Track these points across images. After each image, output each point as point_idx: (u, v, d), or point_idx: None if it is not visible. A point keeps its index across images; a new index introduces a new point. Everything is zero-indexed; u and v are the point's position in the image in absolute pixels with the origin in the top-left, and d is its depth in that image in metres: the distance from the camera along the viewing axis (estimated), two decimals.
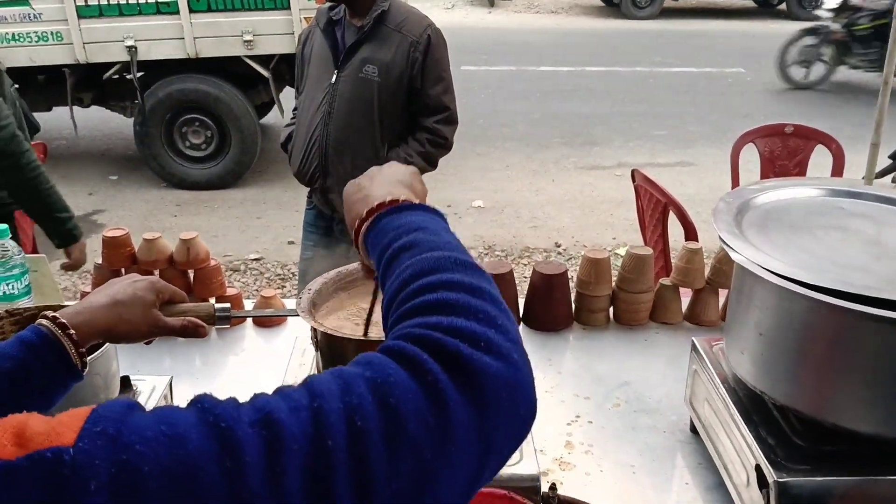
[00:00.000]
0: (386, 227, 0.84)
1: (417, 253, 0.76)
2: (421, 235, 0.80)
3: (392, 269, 0.78)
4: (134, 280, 1.12)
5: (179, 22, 5.68)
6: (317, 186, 2.76)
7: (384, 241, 0.82)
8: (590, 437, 1.47)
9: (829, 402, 1.14)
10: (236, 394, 1.58)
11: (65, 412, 0.57)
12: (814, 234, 1.26)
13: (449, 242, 0.80)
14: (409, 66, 2.60)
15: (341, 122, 2.63)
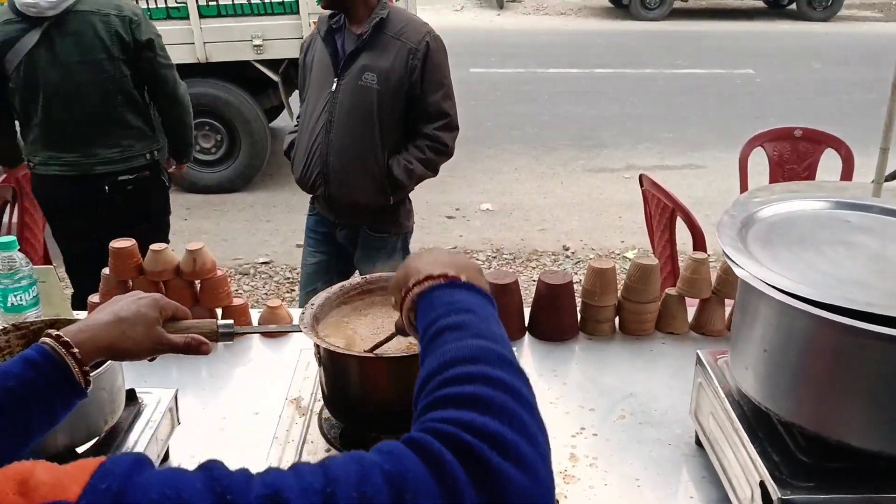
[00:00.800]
0: (437, 300, 0.84)
1: (462, 336, 0.76)
2: (469, 318, 0.79)
3: (435, 345, 0.77)
4: (137, 297, 1.13)
5: (189, 27, 5.71)
6: (319, 193, 2.78)
7: (432, 315, 0.82)
8: (594, 449, 1.47)
9: (833, 418, 1.13)
10: (243, 405, 1.59)
11: (74, 463, 0.56)
12: (819, 248, 1.25)
13: (495, 333, 0.79)
14: (408, 73, 2.61)
15: (342, 129, 2.65)
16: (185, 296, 1.83)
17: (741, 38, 12.86)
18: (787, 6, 14.92)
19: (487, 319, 0.81)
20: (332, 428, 1.35)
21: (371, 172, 2.68)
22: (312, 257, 3.05)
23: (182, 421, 1.47)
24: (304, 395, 1.46)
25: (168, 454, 1.44)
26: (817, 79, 10.14)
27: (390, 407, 1.26)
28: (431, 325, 0.80)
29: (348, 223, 2.85)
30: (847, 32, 13.57)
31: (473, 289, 0.86)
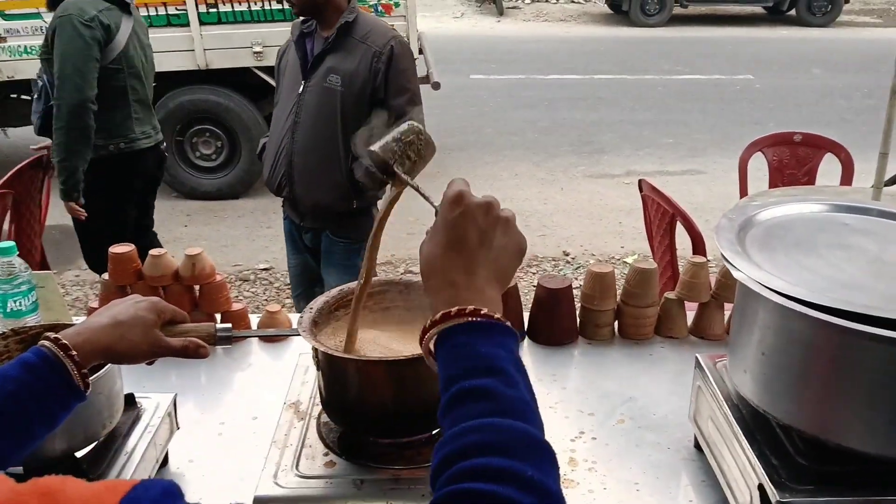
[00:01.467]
0: (461, 349, 0.79)
1: (490, 411, 0.73)
2: (495, 384, 0.75)
3: (457, 411, 0.74)
4: (136, 301, 1.13)
5: (190, 34, 5.73)
6: (285, 195, 2.82)
7: (456, 369, 0.78)
8: (594, 453, 1.47)
9: (831, 421, 1.13)
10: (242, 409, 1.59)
11: (104, 482, 0.56)
12: (817, 251, 1.25)
13: (523, 399, 0.76)
14: (371, 76, 2.65)
15: (307, 130, 2.69)
16: (184, 301, 1.83)
17: (741, 43, 12.89)
18: (786, 12, 14.97)
19: (514, 382, 0.77)
20: (330, 432, 1.35)
21: (333, 175, 2.70)
22: (293, 260, 3.11)
23: (181, 426, 1.46)
24: (303, 399, 1.46)
25: (167, 459, 1.43)
26: (817, 84, 10.17)
27: (388, 411, 1.26)
28: (453, 382, 0.77)
29: (312, 226, 2.87)
30: (846, 38, 13.61)
31: (496, 329, 0.80)
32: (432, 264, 0.86)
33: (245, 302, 4.57)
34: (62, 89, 3.17)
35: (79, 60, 3.18)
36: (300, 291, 3.19)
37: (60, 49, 3.16)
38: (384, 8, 5.79)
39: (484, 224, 0.86)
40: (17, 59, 5.77)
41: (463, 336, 0.80)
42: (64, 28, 3.16)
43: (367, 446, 1.30)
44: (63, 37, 3.16)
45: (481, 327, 0.80)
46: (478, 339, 0.79)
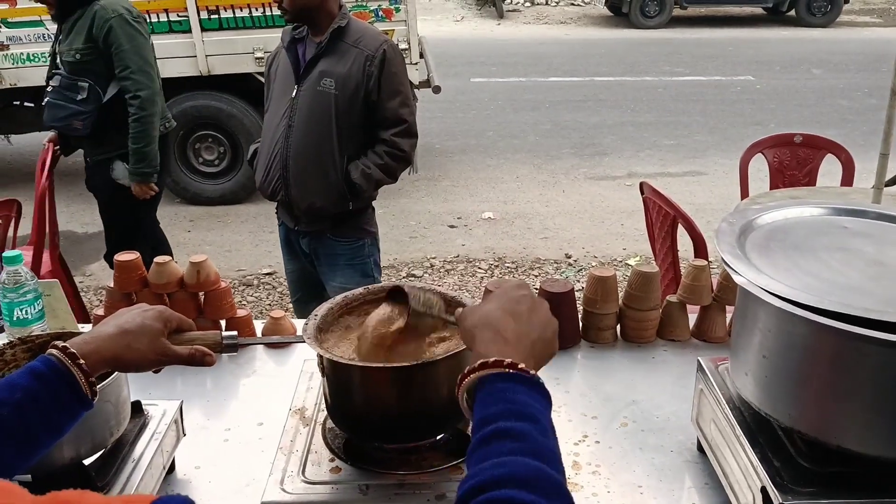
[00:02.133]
0: (498, 394, 0.85)
1: (522, 450, 0.77)
2: (530, 429, 0.81)
3: (490, 447, 0.79)
4: (143, 310, 1.14)
5: (192, 40, 5.75)
6: (280, 198, 2.84)
7: (492, 410, 0.83)
8: (597, 457, 1.48)
9: (832, 424, 1.14)
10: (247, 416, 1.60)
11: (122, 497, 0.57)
12: (816, 254, 1.26)
13: (553, 451, 0.81)
14: (365, 79, 2.69)
15: (301, 134, 2.73)
16: (189, 308, 1.84)
17: (741, 44, 12.90)
18: (786, 13, 14.97)
19: (546, 432, 0.83)
20: (335, 438, 1.36)
21: (329, 176, 2.73)
22: (290, 265, 3.14)
23: (187, 432, 1.48)
24: (308, 405, 1.47)
25: (174, 466, 1.44)
26: (817, 85, 10.17)
27: (393, 417, 1.27)
28: (489, 422, 0.82)
29: (309, 229, 2.89)
30: (846, 38, 13.61)
31: (536, 386, 0.88)
32: (489, 319, 0.97)
33: (248, 307, 4.60)
34: (138, 83, 3.43)
35: (146, 53, 3.50)
36: (299, 296, 3.21)
37: (126, 46, 3.41)
38: (385, 13, 5.81)
39: (541, 311, 1.01)
40: (20, 66, 5.80)
41: (502, 383, 0.87)
42: (121, 27, 3.39)
43: (373, 452, 1.31)
44: (123, 35, 3.40)
45: (525, 381, 0.88)
46: (517, 388, 0.86)
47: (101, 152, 3.60)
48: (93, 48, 3.41)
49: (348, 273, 2.90)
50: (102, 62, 3.43)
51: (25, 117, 6.31)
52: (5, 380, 1.01)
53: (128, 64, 3.41)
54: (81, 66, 3.43)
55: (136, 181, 3.57)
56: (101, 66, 3.44)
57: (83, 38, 3.40)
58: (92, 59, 3.42)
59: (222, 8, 5.72)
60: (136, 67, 3.42)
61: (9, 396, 0.98)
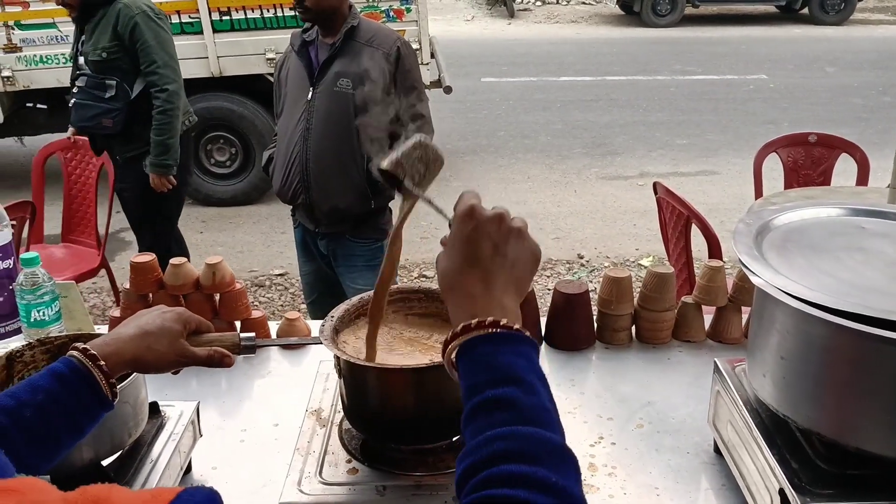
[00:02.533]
0: (481, 360, 0.81)
1: (512, 419, 0.75)
2: (519, 395, 0.77)
3: (479, 421, 0.76)
4: (162, 311, 1.15)
5: (203, 42, 5.78)
6: (300, 202, 2.84)
7: (478, 379, 0.80)
8: (613, 458, 1.47)
9: (851, 426, 1.13)
10: (263, 416, 1.60)
11: (150, 490, 0.57)
12: (834, 255, 1.25)
13: (544, 407, 0.78)
14: (381, 76, 2.70)
15: (320, 135, 2.73)
16: (204, 309, 1.85)
17: (753, 43, 12.84)
18: (799, 11, 14.89)
19: (534, 390, 0.79)
20: (352, 439, 1.37)
21: (351, 176, 2.74)
22: (305, 267, 3.14)
23: (203, 433, 1.48)
24: (325, 406, 1.48)
25: (190, 466, 1.45)
26: (831, 83, 10.11)
27: (410, 418, 1.27)
28: (474, 393, 0.79)
29: (329, 231, 2.90)
30: (860, 36, 13.53)
31: (516, 341, 0.83)
32: (450, 279, 0.88)
33: (261, 307, 4.61)
34: (165, 77, 3.52)
35: (170, 48, 3.61)
36: (314, 298, 3.22)
37: (151, 42, 3.50)
38: (396, 13, 5.82)
39: (497, 236, 0.88)
40: (32, 68, 5.84)
41: (483, 347, 0.82)
42: (146, 23, 3.49)
43: (390, 453, 1.32)
44: (148, 31, 3.50)
45: (501, 338, 0.82)
46: (498, 349, 0.82)
47: (132, 149, 3.66)
48: (119, 46, 3.49)
49: (366, 274, 2.91)
50: (129, 59, 3.52)
51: (38, 119, 6.35)
52: (27, 382, 1.02)
53: (154, 59, 3.49)
54: (108, 65, 3.51)
55: (156, 172, 3.61)
56: (128, 62, 3.52)
57: (108, 37, 3.48)
58: (118, 56, 3.51)
59: (234, 9, 5.75)
60: (162, 62, 3.51)
61: (31, 398, 0.99)
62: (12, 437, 0.97)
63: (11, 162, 7.39)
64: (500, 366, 0.80)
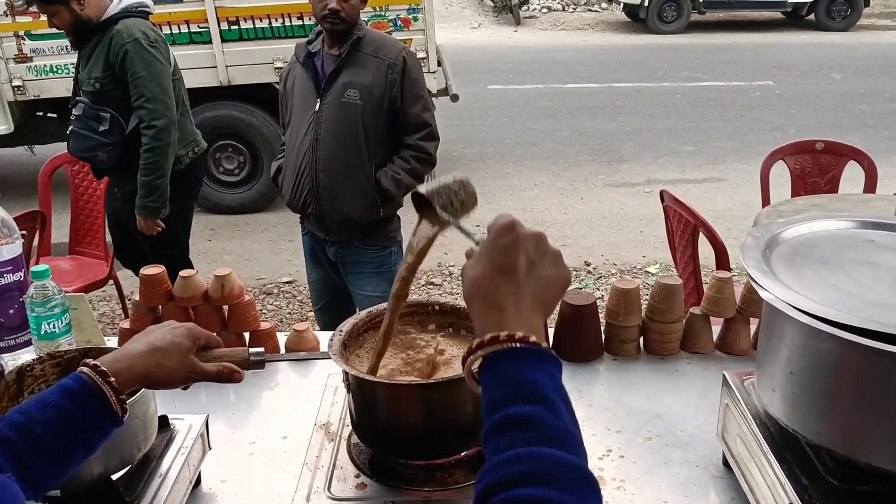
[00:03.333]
0: (506, 374, 0.80)
1: (534, 440, 0.74)
2: (540, 412, 0.76)
3: (501, 438, 0.76)
4: (172, 327, 1.15)
5: (212, 51, 5.81)
6: (310, 211, 2.86)
7: (501, 394, 0.79)
8: (622, 471, 1.47)
9: (861, 441, 1.13)
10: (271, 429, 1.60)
11: None
12: (844, 269, 1.25)
13: (567, 429, 0.77)
14: (388, 87, 2.75)
15: (329, 146, 2.76)
16: (213, 321, 1.86)
17: (760, 49, 12.83)
18: (805, 17, 14.88)
19: (557, 411, 0.78)
20: (361, 454, 1.37)
21: (360, 185, 2.77)
22: (313, 274, 3.17)
23: (212, 445, 1.48)
24: (333, 420, 1.48)
25: (200, 479, 1.45)
26: (837, 90, 10.09)
27: (419, 434, 1.27)
28: (497, 408, 0.78)
29: (339, 239, 2.92)
30: (867, 42, 13.50)
31: (541, 358, 0.81)
32: (480, 287, 0.87)
33: (268, 315, 4.62)
34: (154, 112, 3.24)
35: (162, 80, 3.29)
36: (322, 305, 3.24)
37: (141, 73, 3.22)
38: (403, 22, 5.84)
39: (534, 253, 0.88)
40: (42, 78, 5.87)
41: (508, 361, 0.81)
42: (137, 52, 3.22)
43: (398, 468, 1.32)
44: (139, 61, 3.22)
45: (527, 354, 0.81)
46: (523, 365, 0.80)
47: (128, 183, 3.39)
48: (111, 76, 3.26)
49: (375, 281, 2.93)
50: (122, 90, 3.27)
51: (48, 128, 6.39)
52: (37, 398, 1.03)
53: (143, 92, 3.23)
54: (102, 96, 3.29)
55: (142, 215, 3.34)
56: (122, 93, 3.28)
57: (101, 66, 3.26)
58: (111, 87, 3.27)
59: (242, 19, 5.77)
60: (152, 95, 3.24)
61: (41, 415, 1.00)
62: (23, 453, 0.97)
63: (22, 171, 7.43)
64: (525, 382, 0.79)
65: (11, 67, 5.83)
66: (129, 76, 3.22)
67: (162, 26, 5.72)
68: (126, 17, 3.29)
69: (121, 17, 3.28)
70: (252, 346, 1.86)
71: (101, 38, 3.26)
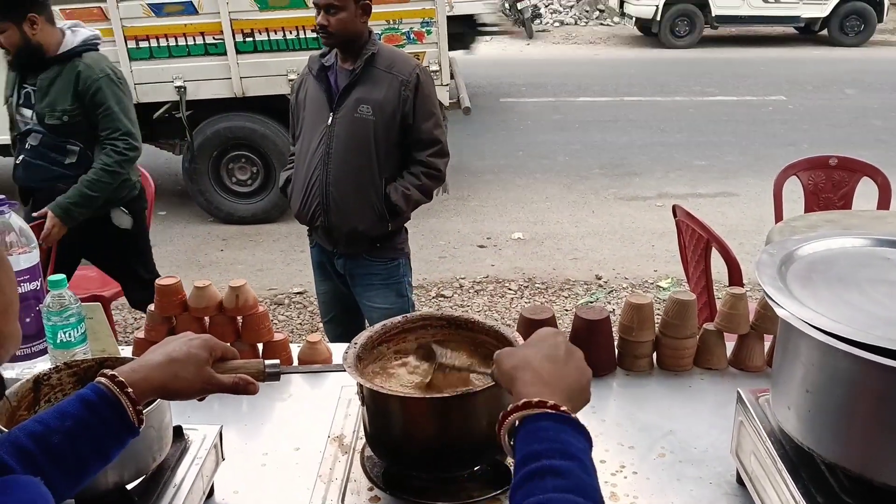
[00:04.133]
0: (542, 433, 0.90)
1: (566, 488, 0.81)
2: (574, 468, 0.84)
3: (535, 485, 0.82)
4: (189, 339, 1.16)
5: (227, 62, 5.85)
6: (318, 224, 2.87)
7: (536, 448, 0.87)
8: (635, 488, 1.47)
9: (877, 460, 1.12)
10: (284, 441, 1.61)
11: None
12: (860, 287, 1.25)
13: (595, 488, 0.84)
14: (401, 103, 2.76)
15: (340, 160, 2.77)
16: (227, 331, 1.86)
17: (772, 64, 12.81)
18: (818, 32, 14.85)
19: (589, 471, 0.86)
20: (374, 466, 1.37)
21: (370, 200, 2.79)
22: (322, 286, 3.18)
23: (225, 456, 1.49)
24: (347, 432, 1.48)
25: (213, 490, 1.46)
26: (850, 105, 10.06)
27: (433, 447, 1.27)
28: (533, 459, 0.85)
29: (347, 251, 2.93)
30: (880, 58, 13.46)
31: (578, 428, 0.91)
32: (529, 362, 1.02)
33: (280, 326, 4.63)
34: (130, 144, 3.28)
35: (132, 114, 3.35)
36: (330, 317, 3.24)
37: (115, 107, 3.25)
38: (416, 35, 5.87)
39: (576, 358, 1.07)
40: None
41: (549, 422, 0.90)
42: (110, 87, 3.25)
43: (412, 481, 1.32)
44: (112, 97, 3.25)
45: (567, 421, 0.91)
46: (561, 429, 0.90)
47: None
48: (80, 109, 3.24)
49: (383, 293, 2.94)
50: (88, 123, 3.27)
51: None
52: (55, 408, 1.04)
53: (117, 126, 3.25)
54: (69, 128, 3.26)
55: (59, 216, 3.19)
56: (87, 127, 3.27)
57: (70, 99, 3.22)
58: (79, 120, 3.26)
59: (257, 31, 5.81)
60: (126, 130, 3.27)
61: (59, 424, 1.01)
62: (40, 463, 0.98)
63: None
64: (561, 440, 0.87)
65: None
66: (101, 110, 3.24)
67: (178, 38, 5.79)
68: (86, 50, 3.29)
69: (82, 50, 3.28)
70: (266, 356, 1.88)
71: (60, 70, 3.24)
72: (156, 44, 5.82)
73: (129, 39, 5.78)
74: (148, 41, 5.81)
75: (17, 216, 1.77)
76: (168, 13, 5.76)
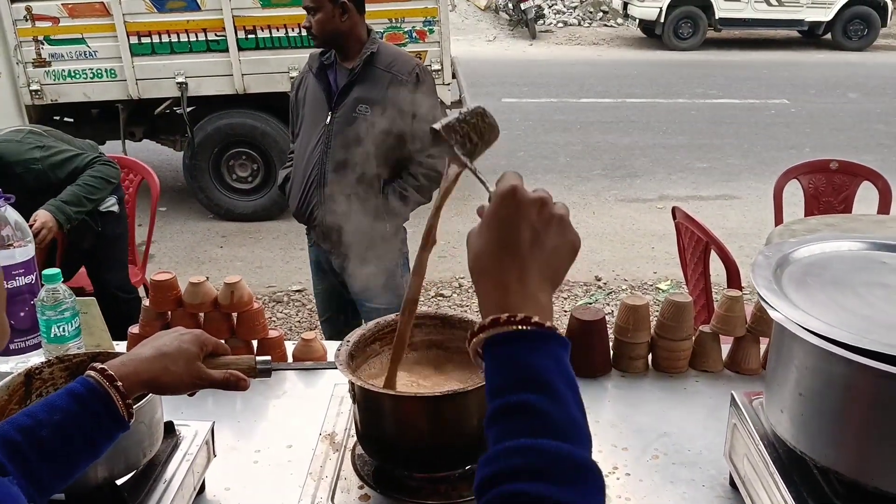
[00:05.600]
0: (507, 359, 0.77)
1: (535, 430, 0.71)
2: (544, 402, 0.73)
3: (502, 425, 0.73)
4: (180, 333, 1.16)
5: (228, 59, 5.85)
6: (316, 223, 2.86)
7: (502, 381, 0.76)
8: (628, 490, 1.46)
9: (870, 465, 1.12)
10: (277, 438, 1.60)
11: None
12: (855, 291, 1.24)
13: (570, 418, 0.74)
14: (400, 103, 2.71)
15: (338, 160, 2.74)
16: (222, 328, 1.86)
17: (775, 67, 12.80)
18: (822, 36, 14.83)
19: (561, 399, 0.74)
20: (365, 465, 1.36)
21: (368, 200, 2.77)
22: (319, 285, 3.17)
23: (217, 453, 1.48)
24: (338, 430, 1.48)
25: (204, 486, 1.45)
26: (853, 109, 10.05)
27: (424, 446, 1.27)
28: (499, 394, 0.75)
29: (344, 251, 2.92)
30: (883, 62, 13.45)
31: (545, 338, 0.77)
32: (482, 263, 0.82)
33: (278, 324, 4.63)
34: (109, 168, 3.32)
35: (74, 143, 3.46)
36: (327, 316, 3.24)
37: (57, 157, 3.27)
38: (419, 34, 5.86)
39: (538, 222, 0.82)
40: (60, 82, 5.93)
41: (511, 346, 0.77)
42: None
43: (402, 480, 1.31)
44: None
45: (531, 336, 0.77)
46: (526, 349, 0.76)
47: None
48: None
49: (381, 293, 2.93)
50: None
51: (65, 133, 6.43)
52: (44, 401, 1.03)
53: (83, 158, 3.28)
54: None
55: (53, 214, 3.09)
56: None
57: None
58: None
59: (259, 28, 5.81)
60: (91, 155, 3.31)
61: (48, 418, 1.00)
62: (29, 456, 0.98)
63: None
64: (527, 367, 0.75)
65: (30, 72, 5.90)
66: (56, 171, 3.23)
67: (180, 34, 5.80)
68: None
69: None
70: (260, 353, 1.87)
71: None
72: (158, 40, 5.82)
73: (132, 35, 5.79)
74: (150, 37, 5.82)
75: (12, 210, 1.77)
76: (170, 9, 5.77)
